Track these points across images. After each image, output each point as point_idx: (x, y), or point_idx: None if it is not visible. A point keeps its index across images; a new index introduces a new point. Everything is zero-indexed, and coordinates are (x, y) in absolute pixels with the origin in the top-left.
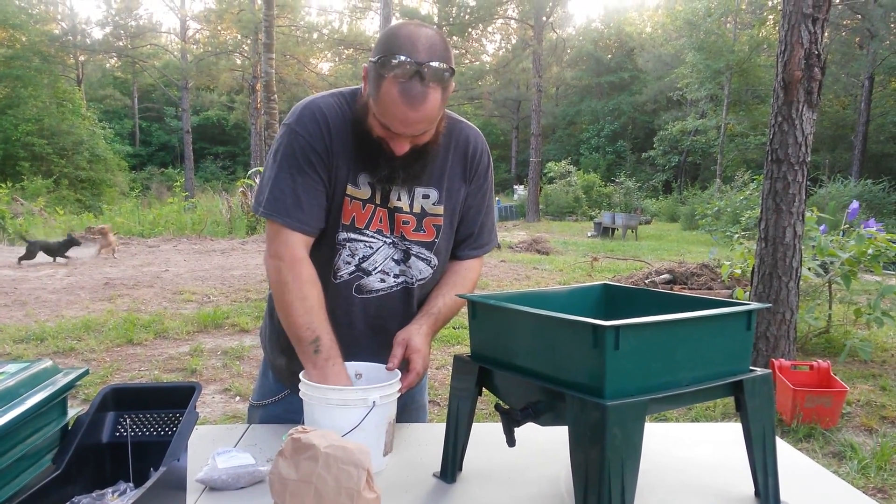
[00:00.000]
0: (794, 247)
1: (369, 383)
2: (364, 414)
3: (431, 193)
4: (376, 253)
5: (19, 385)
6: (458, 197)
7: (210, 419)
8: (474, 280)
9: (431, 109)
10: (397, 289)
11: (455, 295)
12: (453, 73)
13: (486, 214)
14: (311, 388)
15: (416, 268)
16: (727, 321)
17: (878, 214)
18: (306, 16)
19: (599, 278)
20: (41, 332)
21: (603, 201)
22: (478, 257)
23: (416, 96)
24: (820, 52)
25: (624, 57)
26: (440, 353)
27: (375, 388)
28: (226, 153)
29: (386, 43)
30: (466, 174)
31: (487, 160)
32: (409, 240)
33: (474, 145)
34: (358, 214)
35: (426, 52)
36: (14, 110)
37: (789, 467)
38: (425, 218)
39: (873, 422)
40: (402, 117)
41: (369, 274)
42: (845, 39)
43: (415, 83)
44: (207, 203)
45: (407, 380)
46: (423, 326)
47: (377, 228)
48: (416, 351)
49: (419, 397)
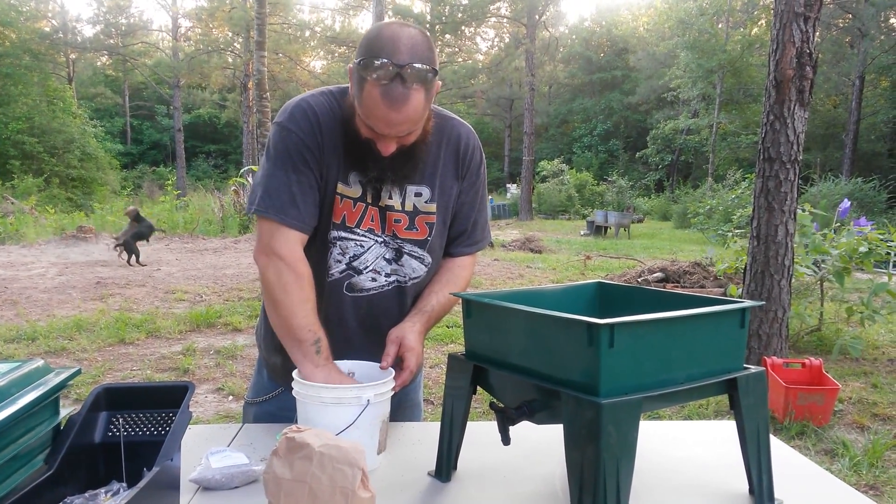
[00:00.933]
0: (786, 245)
1: (362, 382)
2: (358, 412)
3: (424, 191)
4: (367, 252)
5: (10, 385)
6: (451, 194)
7: (203, 418)
8: (467, 278)
9: (414, 111)
10: (389, 288)
11: (448, 293)
12: (436, 73)
13: (478, 212)
14: (304, 387)
15: (410, 266)
16: (721, 319)
17: (868, 213)
18: (298, 13)
19: (592, 277)
20: (32, 331)
21: (595, 200)
22: (471, 255)
23: (397, 98)
24: (812, 50)
25: (615, 56)
26: (434, 352)
27: (370, 387)
28: (218, 151)
29: (368, 45)
30: (459, 171)
31: (480, 157)
32: (401, 238)
33: (466, 142)
34: (349, 213)
35: (408, 54)
36: (4, 108)
37: (783, 464)
38: (418, 216)
39: (865, 419)
40: (385, 119)
41: (360, 273)
42: (836, 38)
43: (396, 85)
44: (199, 202)
45: (400, 378)
46: (416, 324)
47: (368, 227)
48: (410, 349)
49: (413, 395)
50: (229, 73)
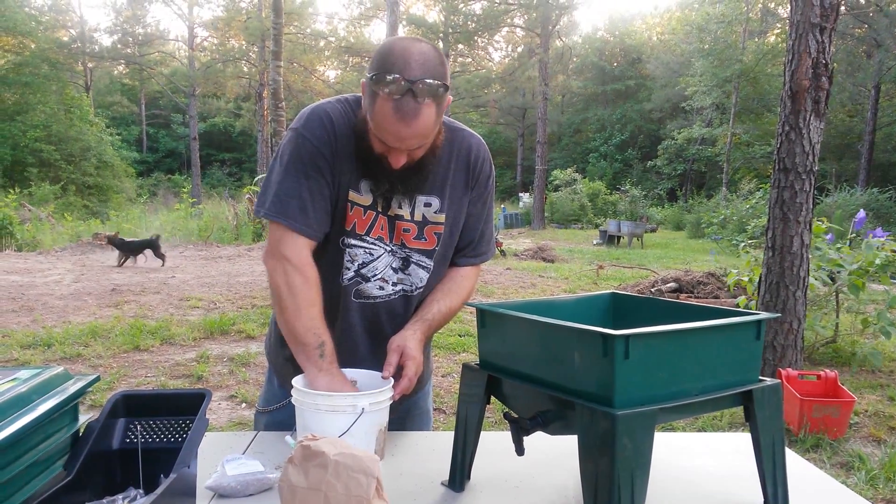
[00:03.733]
0: (802, 256)
1: (365, 390)
2: (352, 420)
3: (433, 202)
4: (377, 260)
5: (31, 391)
6: (461, 205)
7: (216, 426)
8: (470, 288)
9: (425, 126)
10: (395, 297)
11: (452, 302)
12: (447, 88)
13: (485, 223)
14: (301, 394)
15: (417, 276)
16: (736, 331)
17: (885, 223)
18: (313, 23)
19: (605, 287)
20: (48, 337)
21: (608, 209)
22: (475, 265)
23: (408, 113)
24: (828, 61)
25: (628, 66)
26: (447, 361)
27: (365, 395)
28: (232, 160)
29: (380, 60)
30: (469, 182)
31: (489, 168)
32: (409, 247)
33: (476, 153)
34: (359, 221)
35: (419, 69)
36: (22, 116)
37: (798, 477)
38: (426, 226)
39: (881, 432)
40: (396, 133)
41: (368, 280)
42: (852, 49)
43: (408, 100)
44: (214, 209)
45: (400, 387)
46: (417, 332)
47: (378, 235)
48: (411, 357)
49: (423, 403)
50: (244, 82)
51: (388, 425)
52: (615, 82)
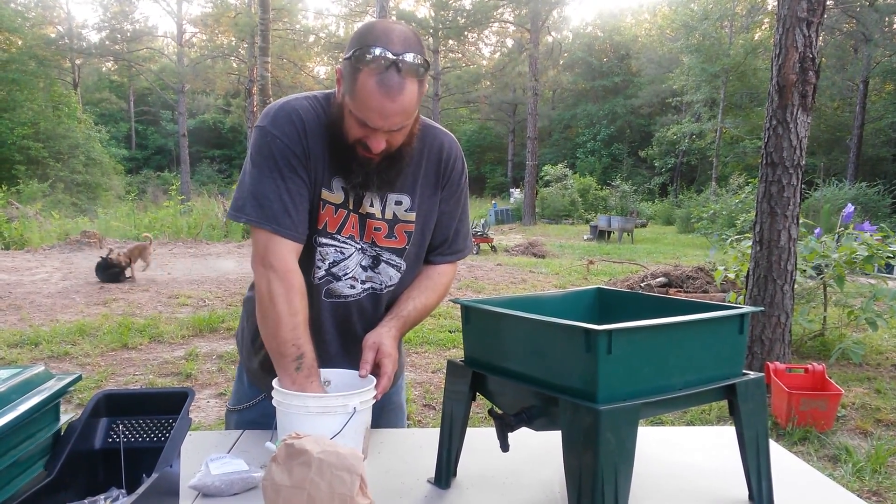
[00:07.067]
0: (789, 250)
1: (339, 390)
2: (345, 421)
3: (404, 200)
4: (348, 259)
5: (11, 391)
6: (431, 204)
7: (205, 423)
8: (446, 285)
9: (409, 101)
10: (364, 295)
11: (427, 300)
12: (428, 66)
13: (460, 221)
14: (287, 397)
15: (386, 274)
16: (720, 325)
17: (873, 217)
18: (303, 19)
19: (595, 281)
20: (36, 336)
21: (599, 204)
22: (451, 263)
23: (393, 87)
24: (815, 55)
25: (618, 62)
26: (437, 357)
27: (355, 395)
28: (222, 156)
29: (360, 37)
30: (440, 181)
31: (461, 166)
32: (379, 246)
33: (447, 151)
34: (330, 219)
35: (401, 45)
36: (10, 114)
37: (784, 471)
38: (397, 224)
39: (868, 425)
40: (380, 109)
41: (339, 279)
42: (840, 43)
43: (392, 74)
44: (203, 206)
45: (380, 385)
46: (392, 329)
47: (349, 234)
48: (387, 355)
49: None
50: (234, 78)
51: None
52: (604, 78)
